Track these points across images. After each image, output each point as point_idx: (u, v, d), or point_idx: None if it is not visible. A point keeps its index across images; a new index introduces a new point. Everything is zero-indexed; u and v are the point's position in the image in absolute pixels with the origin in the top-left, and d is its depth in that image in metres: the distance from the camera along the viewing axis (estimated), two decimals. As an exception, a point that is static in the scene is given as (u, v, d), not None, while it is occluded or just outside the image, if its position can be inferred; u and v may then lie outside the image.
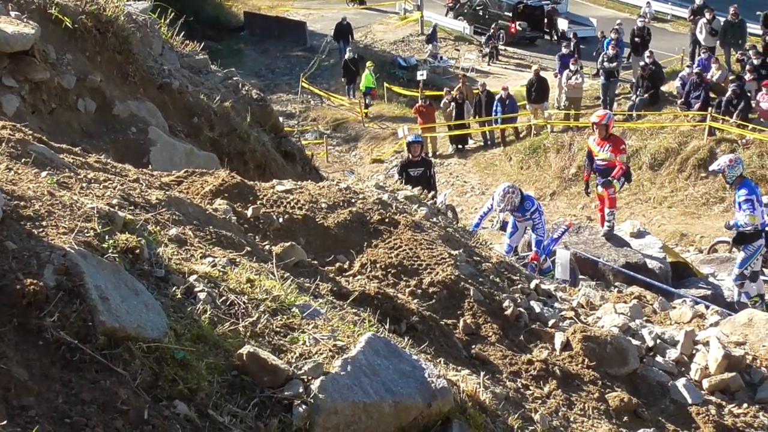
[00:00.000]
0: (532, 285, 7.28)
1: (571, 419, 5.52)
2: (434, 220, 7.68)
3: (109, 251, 3.89)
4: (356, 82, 38.22)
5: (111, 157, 6.56)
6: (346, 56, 38.42)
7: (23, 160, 4.70)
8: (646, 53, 30.47)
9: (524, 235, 14.57)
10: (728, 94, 26.66)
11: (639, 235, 16.24)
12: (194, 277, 4.22)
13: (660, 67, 30.99)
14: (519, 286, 7.08)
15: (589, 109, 30.53)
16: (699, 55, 30.41)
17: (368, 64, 38.46)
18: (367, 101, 37.86)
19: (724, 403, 6.27)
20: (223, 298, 4.16)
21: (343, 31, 42.74)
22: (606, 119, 16.20)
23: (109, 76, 8.91)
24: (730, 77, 28.48)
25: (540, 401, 5.55)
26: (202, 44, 12.01)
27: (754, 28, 32.14)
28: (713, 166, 14.68)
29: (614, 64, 30.54)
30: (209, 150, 9.57)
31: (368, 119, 37.08)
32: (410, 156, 18.40)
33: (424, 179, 16.91)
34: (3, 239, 3.62)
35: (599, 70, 31.52)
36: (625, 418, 5.78)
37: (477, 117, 32.58)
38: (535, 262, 13.37)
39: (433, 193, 10.20)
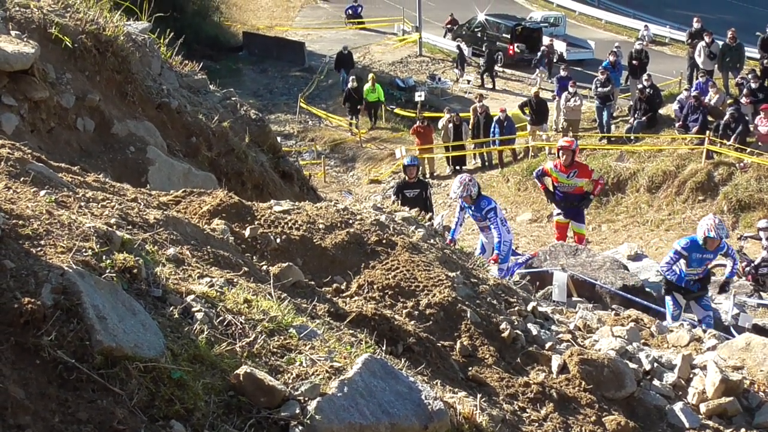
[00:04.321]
0: (529, 307, 7.27)
1: (568, 442, 5.51)
2: (431, 241, 7.68)
3: (107, 271, 3.89)
4: (360, 112, 38.06)
5: (109, 177, 6.57)
6: (349, 85, 38.14)
7: (22, 178, 4.71)
8: (644, 76, 30.61)
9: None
10: (726, 117, 26.74)
11: (636, 257, 16.25)
12: (192, 297, 4.22)
13: (658, 90, 31.11)
14: (516, 308, 7.07)
15: (587, 131, 30.65)
16: (697, 78, 30.51)
17: (371, 76, 38.37)
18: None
19: (721, 427, 6.25)
20: (221, 318, 4.16)
21: (345, 60, 42.63)
22: (574, 145, 16.35)
23: (108, 96, 8.92)
24: (728, 101, 28.57)
25: (537, 424, 5.54)
26: (201, 64, 12.03)
27: (752, 51, 32.26)
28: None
29: (607, 88, 30.70)
30: (207, 170, 9.57)
31: (366, 139, 37.08)
32: (406, 177, 18.42)
33: (420, 201, 16.89)
34: (1, 258, 3.63)
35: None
36: (622, 442, 5.77)
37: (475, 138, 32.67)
38: (495, 263, 13.36)
39: (430, 214, 10.20)
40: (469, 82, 42.95)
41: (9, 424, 3.12)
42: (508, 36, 44.27)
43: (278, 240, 6.42)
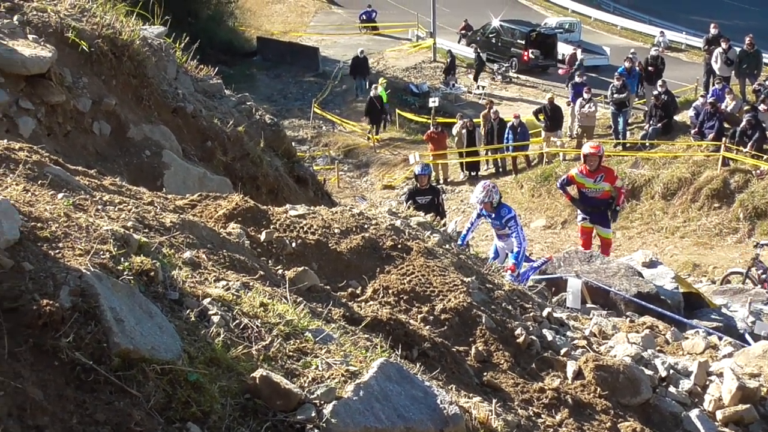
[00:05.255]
0: (545, 313, 7.26)
1: (583, 448, 5.50)
2: (447, 246, 7.67)
3: (124, 273, 3.90)
4: (380, 122, 37.92)
5: (125, 180, 6.58)
6: (372, 93, 37.88)
7: (40, 181, 4.72)
8: (660, 82, 30.54)
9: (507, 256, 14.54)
10: (743, 124, 26.65)
11: (651, 264, 16.17)
12: (208, 300, 4.23)
13: (673, 96, 31.06)
14: (531, 314, 7.07)
15: (602, 137, 30.60)
16: (713, 84, 30.43)
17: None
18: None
19: (737, 435, 6.24)
20: (237, 321, 4.16)
21: (360, 65, 42.66)
22: (601, 150, 16.30)
23: (124, 100, 8.94)
24: (745, 107, 28.48)
25: (552, 430, 5.53)
26: (216, 69, 12.04)
27: (769, 58, 32.24)
28: None
29: (623, 95, 30.65)
30: (222, 174, 9.57)
31: (379, 144, 37.11)
32: (418, 184, 18.45)
33: (432, 207, 16.88)
34: (20, 260, 3.64)
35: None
36: (638, 448, 5.75)
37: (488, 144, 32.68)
38: (512, 272, 13.33)
39: (443, 220, 10.19)
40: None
41: (28, 425, 3.13)
42: (523, 42, 44.31)
43: (294, 244, 6.42)
